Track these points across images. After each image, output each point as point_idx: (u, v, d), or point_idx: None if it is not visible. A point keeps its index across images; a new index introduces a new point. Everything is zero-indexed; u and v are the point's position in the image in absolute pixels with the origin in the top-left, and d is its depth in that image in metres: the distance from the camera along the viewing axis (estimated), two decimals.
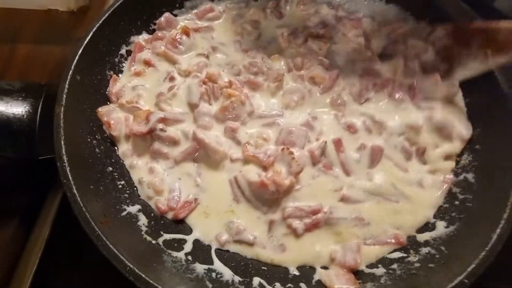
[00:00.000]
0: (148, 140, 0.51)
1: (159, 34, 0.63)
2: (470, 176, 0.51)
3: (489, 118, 0.53)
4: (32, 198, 0.54)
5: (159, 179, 0.48)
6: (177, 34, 0.62)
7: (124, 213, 0.46)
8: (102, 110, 0.52)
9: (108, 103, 0.55)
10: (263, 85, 0.59)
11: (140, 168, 0.50)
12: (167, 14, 0.64)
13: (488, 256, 0.38)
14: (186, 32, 0.63)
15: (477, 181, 0.49)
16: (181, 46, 0.62)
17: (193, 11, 0.68)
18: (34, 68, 0.67)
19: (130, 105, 0.54)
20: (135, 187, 0.49)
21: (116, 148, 0.52)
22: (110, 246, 0.36)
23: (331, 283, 0.42)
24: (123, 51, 0.61)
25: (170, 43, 0.61)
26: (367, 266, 0.44)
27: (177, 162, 0.50)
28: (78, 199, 0.39)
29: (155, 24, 0.65)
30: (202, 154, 0.50)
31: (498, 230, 0.39)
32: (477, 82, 0.56)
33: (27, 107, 0.46)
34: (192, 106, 0.55)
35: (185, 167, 0.50)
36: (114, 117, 0.52)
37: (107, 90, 0.56)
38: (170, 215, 0.47)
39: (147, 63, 0.60)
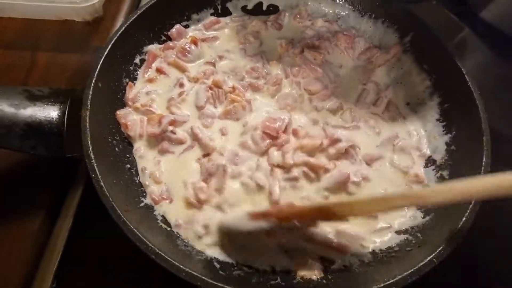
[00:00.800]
0: (159, 139, 0.58)
1: (170, 44, 0.70)
2: (445, 173, 0.58)
3: (463, 122, 0.60)
4: (56, 193, 0.60)
5: (160, 171, 0.54)
6: (186, 44, 0.69)
7: (142, 204, 0.52)
8: (120, 113, 0.59)
9: (125, 107, 0.61)
10: (263, 88, 0.65)
11: (147, 159, 0.57)
12: (177, 26, 0.71)
13: (454, 240, 0.44)
14: (194, 42, 0.70)
15: (450, 178, 0.56)
16: (189, 55, 0.69)
17: (200, 23, 0.75)
18: (53, 74, 0.73)
19: (144, 108, 0.61)
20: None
21: (132, 147, 0.59)
22: (134, 229, 0.42)
23: None
24: (137, 60, 0.67)
25: (180, 52, 0.68)
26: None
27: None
28: (105, 190, 0.45)
29: (165, 35, 0.72)
30: None
31: (463, 219, 0.46)
32: (454, 89, 0.63)
33: (56, 110, 0.52)
34: (199, 109, 0.62)
35: None
36: (131, 119, 0.59)
37: (124, 96, 0.62)
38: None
39: (159, 71, 0.66)
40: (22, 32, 0.78)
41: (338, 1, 0.79)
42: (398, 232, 0.53)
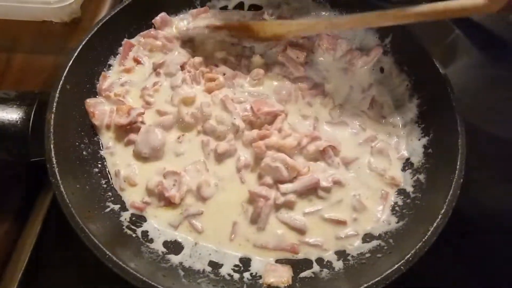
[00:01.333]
0: (127, 131, 0.57)
1: (152, 33, 0.69)
2: (421, 177, 0.56)
3: (440, 124, 0.59)
4: (25, 197, 0.58)
5: (134, 173, 0.53)
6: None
7: (107, 209, 0.51)
8: (90, 101, 0.58)
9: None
10: (246, 78, 0.65)
11: (116, 158, 0.56)
12: (162, 14, 0.70)
13: (423, 246, 0.43)
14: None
15: (426, 181, 0.55)
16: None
17: (188, 13, 0.73)
18: (29, 76, 0.72)
19: (116, 98, 0.60)
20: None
21: (101, 150, 0.57)
22: (91, 236, 0.41)
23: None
24: (111, 61, 0.66)
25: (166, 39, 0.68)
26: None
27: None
28: (65, 196, 0.44)
29: (140, 35, 0.71)
30: None
31: (434, 224, 0.45)
32: (432, 92, 0.62)
33: (20, 113, 0.51)
34: (174, 89, 0.61)
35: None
36: (100, 109, 0.58)
37: (97, 85, 0.61)
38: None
39: (136, 60, 0.66)
40: None
41: (318, 2, 0.78)
42: (371, 238, 0.51)
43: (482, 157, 0.59)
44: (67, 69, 0.55)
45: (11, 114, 0.50)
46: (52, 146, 0.47)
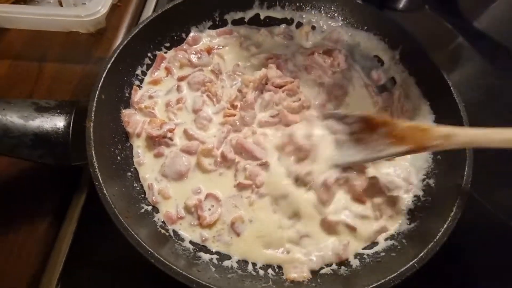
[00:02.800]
0: (156, 143, 0.62)
1: (184, 47, 0.75)
2: (431, 182, 0.60)
3: None
4: (61, 199, 0.63)
5: (167, 188, 0.57)
6: (201, 51, 0.74)
7: (142, 210, 0.55)
8: (125, 112, 0.64)
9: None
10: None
11: (146, 170, 0.60)
12: (193, 33, 0.76)
13: (434, 246, 0.47)
14: (208, 50, 0.75)
15: (436, 186, 0.59)
16: (200, 60, 0.73)
17: (213, 31, 0.78)
18: (59, 85, 0.76)
19: (147, 110, 0.65)
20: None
21: (133, 155, 0.62)
22: (135, 235, 0.45)
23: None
24: (138, 71, 0.71)
25: (196, 53, 0.73)
26: None
27: None
28: (108, 198, 0.48)
29: (165, 47, 0.75)
30: None
31: (445, 226, 0.49)
32: (441, 101, 0.66)
33: (62, 121, 0.55)
34: (196, 111, 0.66)
35: None
36: (133, 119, 0.63)
37: (130, 99, 0.67)
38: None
39: (168, 70, 0.71)
40: (29, 43, 0.82)
41: (330, 15, 0.82)
42: (385, 238, 0.55)
43: (485, 163, 0.62)
44: (101, 80, 0.60)
45: (54, 122, 0.55)
46: (93, 151, 0.52)
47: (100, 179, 0.49)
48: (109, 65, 0.62)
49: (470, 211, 0.51)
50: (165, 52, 0.74)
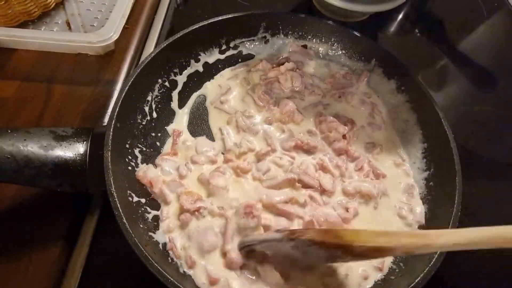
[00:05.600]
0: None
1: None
2: (425, 208, 0.66)
3: (439, 161, 0.68)
4: (73, 222, 0.64)
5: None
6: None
7: (153, 239, 0.57)
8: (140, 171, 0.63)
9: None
10: None
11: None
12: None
13: (430, 270, 0.52)
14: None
15: (429, 212, 0.64)
16: None
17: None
18: (68, 107, 0.78)
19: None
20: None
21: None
22: (155, 264, 0.48)
23: None
24: (149, 97, 0.73)
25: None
26: None
27: None
28: (127, 227, 0.50)
29: (174, 72, 0.79)
30: None
31: (430, 264, 0.53)
32: (432, 131, 0.71)
33: (79, 149, 0.58)
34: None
35: None
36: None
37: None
38: None
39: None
40: (37, 64, 0.83)
41: (330, 44, 0.88)
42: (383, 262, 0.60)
43: (470, 176, 0.66)
44: (117, 109, 0.62)
45: (71, 151, 0.57)
46: (111, 180, 0.54)
47: (120, 208, 0.52)
48: (123, 95, 0.64)
49: None
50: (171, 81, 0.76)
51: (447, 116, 0.69)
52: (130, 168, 0.63)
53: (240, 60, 0.85)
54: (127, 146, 0.64)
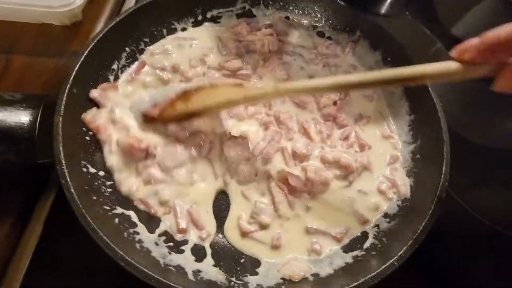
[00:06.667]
0: None
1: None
2: (410, 181, 0.61)
3: (427, 132, 0.64)
4: (26, 199, 0.58)
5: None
6: None
7: (115, 211, 0.52)
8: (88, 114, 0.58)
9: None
10: None
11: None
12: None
13: (414, 243, 0.47)
14: None
15: (415, 185, 0.60)
16: None
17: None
18: (28, 78, 0.71)
19: None
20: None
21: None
22: (104, 237, 0.42)
23: None
24: (114, 66, 0.68)
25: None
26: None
27: None
28: (75, 197, 0.45)
29: (144, 42, 0.73)
30: None
31: (423, 223, 0.49)
32: (419, 102, 0.67)
33: (27, 116, 0.52)
34: None
35: None
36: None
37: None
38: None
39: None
40: None
41: (313, 15, 0.83)
42: (365, 237, 0.55)
43: (463, 163, 0.64)
44: (73, 73, 0.56)
45: (18, 116, 0.51)
46: (61, 148, 0.48)
47: (68, 177, 0.46)
48: (83, 57, 0.59)
49: (447, 210, 0.52)
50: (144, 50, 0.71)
51: (439, 100, 0.64)
52: (88, 138, 0.57)
53: None
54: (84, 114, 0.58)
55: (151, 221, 0.53)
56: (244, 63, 0.70)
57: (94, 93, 0.59)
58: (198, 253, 0.51)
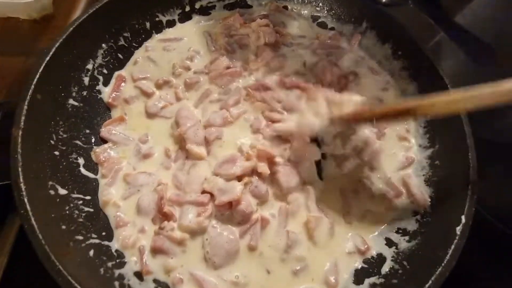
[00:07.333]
0: None
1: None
2: (430, 191, 0.54)
3: (446, 136, 0.57)
4: None
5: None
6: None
7: (90, 241, 0.44)
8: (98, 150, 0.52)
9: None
10: None
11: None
12: None
13: (443, 271, 0.40)
14: None
15: (436, 196, 0.53)
16: None
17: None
18: None
19: None
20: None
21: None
22: (72, 280, 0.34)
23: None
24: (89, 66, 0.58)
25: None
26: None
27: None
28: (37, 231, 0.36)
29: (124, 37, 0.64)
30: None
31: (452, 246, 0.42)
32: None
33: None
34: None
35: None
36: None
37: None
38: None
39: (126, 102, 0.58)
40: None
41: (315, 4, 0.74)
42: (382, 260, 0.48)
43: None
44: (37, 76, 0.47)
45: None
46: (20, 169, 0.40)
47: (27, 206, 0.38)
48: (49, 56, 0.50)
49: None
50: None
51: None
52: (57, 153, 0.48)
53: None
54: (53, 123, 0.49)
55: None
56: (233, 60, 0.62)
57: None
58: None
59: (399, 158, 0.57)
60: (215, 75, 0.60)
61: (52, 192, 0.44)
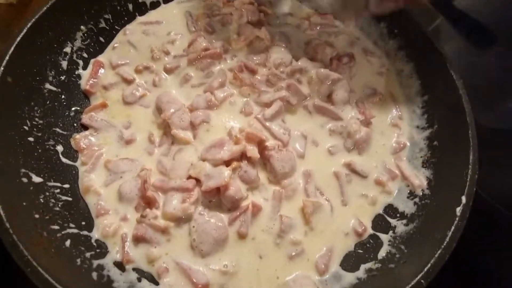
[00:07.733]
0: None
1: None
2: (428, 173, 0.52)
3: (445, 115, 0.54)
4: None
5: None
6: None
7: (67, 230, 0.41)
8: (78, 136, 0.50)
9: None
10: None
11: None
12: None
13: (443, 254, 0.38)
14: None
15: (434, 178, 0.50)
16: None
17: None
18: None
19: None
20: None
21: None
22: (42, 271, 0.31)
23: None
24: (67, 49, 0.55)
25: None
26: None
27: None
28: (4, 219, 0.34)
29: (105, 19, 0.60)
30: None
31: (452, 228, 0.40)
32: (434, 80, 0.57)
33: None
34: None
35: None
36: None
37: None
38: None
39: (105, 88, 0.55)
40: None
41: None
42: (378, 244, 0.46)
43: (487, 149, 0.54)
44: (7, 57, 0.45)
45: None
46: None
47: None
48: (19, 38, 0.47)
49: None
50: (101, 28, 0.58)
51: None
52: (32, 139, 0.45)
53: None
54: (27, 109, 0.46)
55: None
56: (213, 41, 0.59)
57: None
58: None
59: (391, 143, 0.55)
60: (193, 58, 0.56)
61: (25, 179, 0.41)
